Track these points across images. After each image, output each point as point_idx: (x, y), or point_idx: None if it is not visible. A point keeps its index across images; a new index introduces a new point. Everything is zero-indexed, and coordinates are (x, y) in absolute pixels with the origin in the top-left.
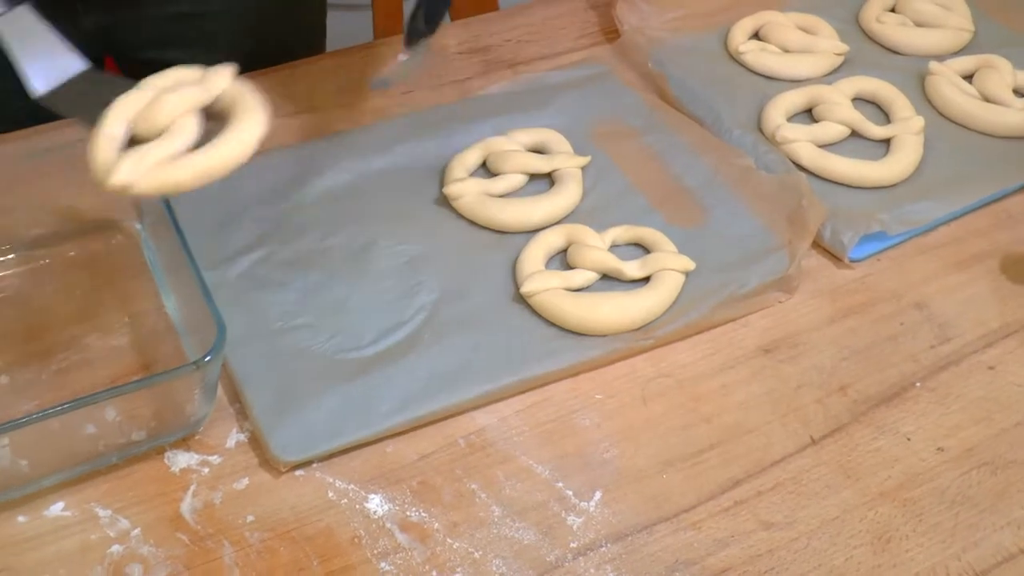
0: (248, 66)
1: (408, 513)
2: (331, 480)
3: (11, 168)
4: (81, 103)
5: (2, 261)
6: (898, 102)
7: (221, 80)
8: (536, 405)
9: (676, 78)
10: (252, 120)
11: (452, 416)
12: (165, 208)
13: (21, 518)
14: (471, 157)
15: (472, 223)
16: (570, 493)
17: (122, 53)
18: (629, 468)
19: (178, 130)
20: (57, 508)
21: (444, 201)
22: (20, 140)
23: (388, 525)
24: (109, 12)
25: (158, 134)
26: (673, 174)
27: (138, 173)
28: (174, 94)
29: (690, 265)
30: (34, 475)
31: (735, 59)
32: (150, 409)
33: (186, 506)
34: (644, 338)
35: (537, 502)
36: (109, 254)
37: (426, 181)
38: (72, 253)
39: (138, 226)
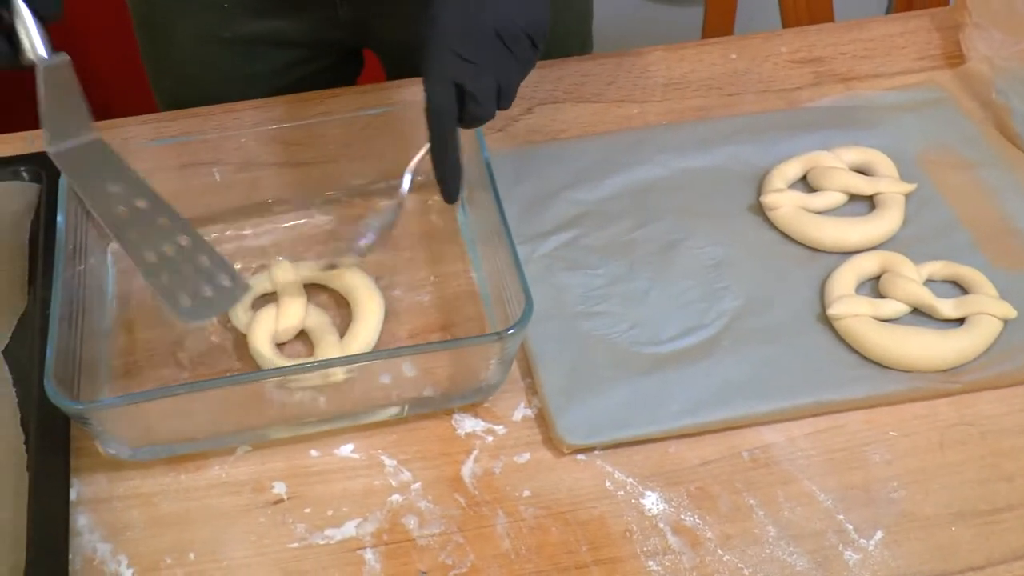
0: None
1: (682, 516)
2: (610, 470)
3: (344, 123)
4: (82, 175)
5: (323, 205)
6: None
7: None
8: (827, 431)
9: (1021, 113)
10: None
11: (740, 427)
12: (488, 179)
13: (314, 452)
14: (792, 169)
15: (784, 236)
16: (850, 527)
17: (379, 43)
18: (916, 513)
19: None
20: (347, 449)
21: (758, 209)
22: (355, 95)
23: (661, 525)
24: (365, 5)
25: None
26: (1004, 214)
27: None
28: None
29: (1011, 313)
30: (330, 414)
31: None
32: (446, 371)
33: (467, 470)
34: (950, 381)
35: (815, 530)
36: (424, 213)
37: (742, 187)
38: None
39: None
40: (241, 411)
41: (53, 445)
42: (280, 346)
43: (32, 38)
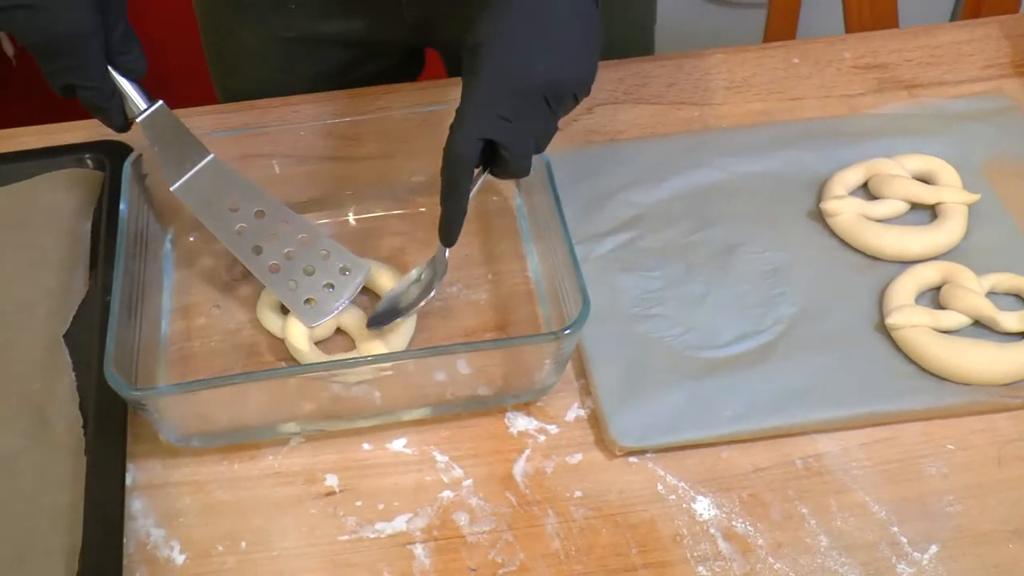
0: None
1: (734, 523)
2: (662, 473)
3: (402, 119)
4: (205, 201)
5: (381, 200)
6: None
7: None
8: (883, 441)
9: None
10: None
11: (794, 435)
12: (548, 179)
13: (366, 446)
14: (853, 176)
15: (844, 243)
16: (904, 540)
17: (442, 43)
18: (972, 528)
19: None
20: (399, 444)
21: (818, 216)
22: (414, 91)
23: (712, 531)
24: (430, 6)
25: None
26: None
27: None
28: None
29: None
30: (383, 409)
31: None
32: (500, 369)
33: (518, 468)
34: (1011, 396)
35: (868, 541)
36: (483, 212)
37: (801, 192)
38: None
39: (515, 189)
40: (294, 403)
41: (111, 430)
42: (320, 344)
43: (130, 99)
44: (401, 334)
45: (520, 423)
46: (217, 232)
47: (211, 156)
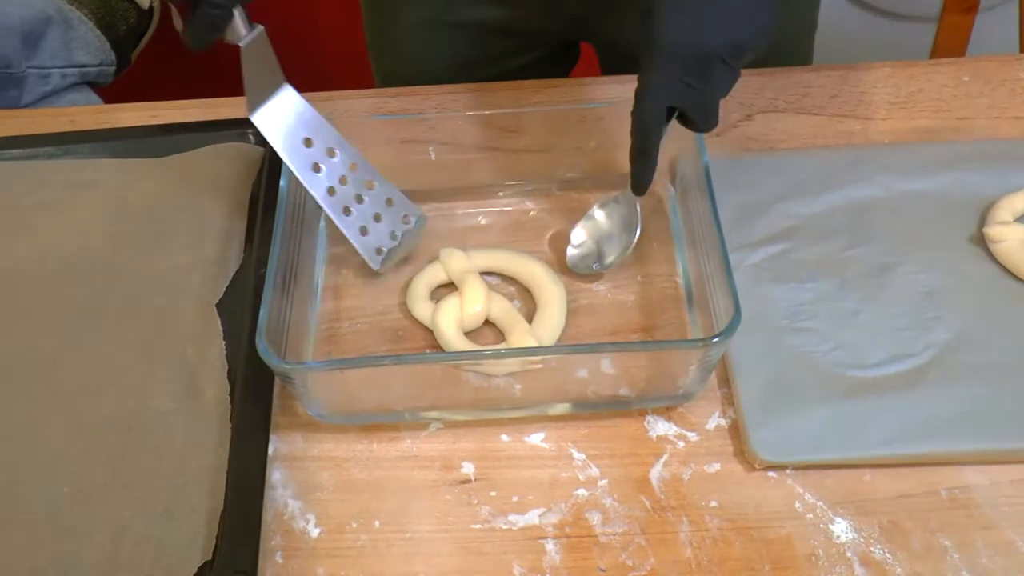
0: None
1: (872, 548)
2: (801, 491)
3: (560, 114)
4: (281, 133)
5: (534, 194)
6: None
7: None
8: None
9: None
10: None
11: (940, 464)
12: (706, 184)
13: (505, 437)
14: (1021, 202)
15: (1005, 270)
16: None
17: (598, 38)
18: None
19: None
20: (537, 438)
21: (980, 241)
22: (574, 87)
23: (848, 554)
24: (589, 2)
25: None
26: None
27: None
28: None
29: None
30: (525, 402)
31: None
32: (644, 372)
33: (655, 473)
34: None
35: None
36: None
37: (964, 215)
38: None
39: (670, 191)
40: (437, 389)
41: (257, 399)
42: (468, 335)
43: (234, 22)
44: (550, 329)
45: (660, 427)
46: (294, 166)
47: (287, 87)
